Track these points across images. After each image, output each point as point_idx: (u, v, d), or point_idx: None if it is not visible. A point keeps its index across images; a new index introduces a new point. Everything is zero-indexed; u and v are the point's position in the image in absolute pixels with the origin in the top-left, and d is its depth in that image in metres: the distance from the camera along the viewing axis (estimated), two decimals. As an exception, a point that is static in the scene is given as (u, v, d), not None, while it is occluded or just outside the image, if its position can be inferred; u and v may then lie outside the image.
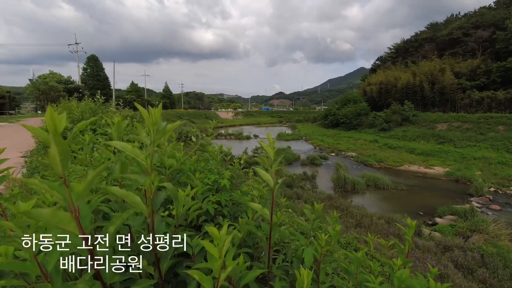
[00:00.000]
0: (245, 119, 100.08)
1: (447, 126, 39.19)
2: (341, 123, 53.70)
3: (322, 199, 16.32)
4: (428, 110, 46.33)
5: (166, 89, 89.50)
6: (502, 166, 25.89)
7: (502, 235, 13.13)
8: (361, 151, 35.66)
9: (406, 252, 1.36)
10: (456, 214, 15.60)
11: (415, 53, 58.61)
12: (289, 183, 20.10)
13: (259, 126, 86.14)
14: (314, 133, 55.49)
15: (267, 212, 1.30)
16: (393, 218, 13.83)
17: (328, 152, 37.54)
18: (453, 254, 10.12)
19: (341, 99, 62.87)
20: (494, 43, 43.26)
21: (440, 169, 27.00)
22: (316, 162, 30.47)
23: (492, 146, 30.82)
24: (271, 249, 1.35)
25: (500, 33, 42.09)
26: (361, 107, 52.84)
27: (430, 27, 63.71)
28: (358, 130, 49.05)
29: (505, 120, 35.00)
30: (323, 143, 43.90)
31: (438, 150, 32.19)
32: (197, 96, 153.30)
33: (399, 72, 52.64)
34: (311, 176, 22.10)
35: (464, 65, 45.35)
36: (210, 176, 2.11)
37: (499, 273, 9.07)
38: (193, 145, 3.28)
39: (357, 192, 20.80)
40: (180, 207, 1.37)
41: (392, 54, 66.82)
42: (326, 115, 62.21)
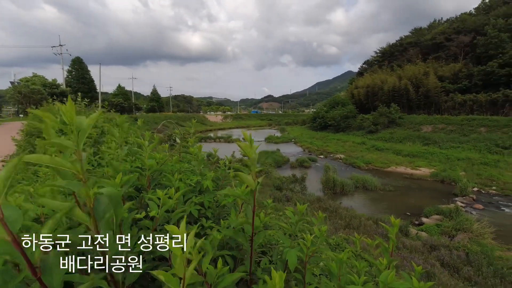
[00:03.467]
0: (234, 122, 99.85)
1: (432, 128, 40.15)
2: (330, 125, 54.25)
3: (312, 201, 16.34)
4: (413, 112, 47.35)
5: (154, 92, 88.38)
6: (484, 166, 26.64)
7: (485, 234, 13.46)
8: (350, 153, 36.07)
9: (391, 251, 1.34)
10: (442, 214, 15.91)
11: (400, 57, 59.91)
12: (278, 185, 20.09)
13: (249, 129, 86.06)
14: (303, 135, 55.85)
15: (249, 216, 1.24)
16: (381, 219, 13.95)
17: (317, 155, 37.83)
18: (440, 253, 10.28)
19: (329, 102, 63.58)
20: (475, 48, 44.67)
21: (426, 170, 27.56)
22: (305, 164, 30.62)
23: (474, 147, 31.71)
24: (253, 252, 1.28)
25: (480, 38, 43.52)
26: (349, 109, 53.56)
27: (414, 31, 65.30)
28: (346, 133, 49.64)
29: (486, 122, 36.14)
30: (312, 145, 44.23)
31: (424, 152, 32.89)
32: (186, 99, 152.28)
33: (385, 76, 53.68)
34: (300, 178, 22.16)
35: (447, 69, 46.64)
36: (192, 177, 2.05)
37: (483, 270, 9.25)
38: (177, 146, 3.21)
39: (346, 193, 20.97)
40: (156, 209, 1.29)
41: (378, 57, 68.14)
42: (315, 118, 62.76)
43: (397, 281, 1.21)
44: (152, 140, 2.88)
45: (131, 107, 69.07)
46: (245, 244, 1.29)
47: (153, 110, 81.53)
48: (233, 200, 1.78)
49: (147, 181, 1.83)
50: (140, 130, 3.04)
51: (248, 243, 1.29)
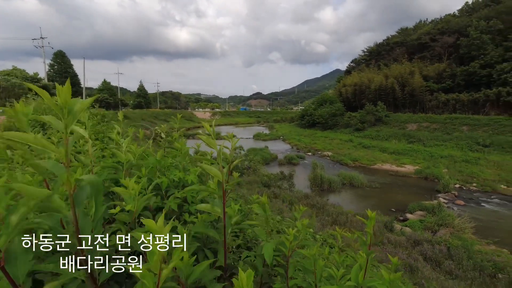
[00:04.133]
0: (222, 119, 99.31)
1: (417, 126, 41.10)
2: (318, 123, 54.72)
3: (299, 198, 16.45)
4: (399, 111, 48.31)
5: (141, 88, 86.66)
6: (466, 164, 27.49)
7: (466, 229, 13.90)
8: (337, 151, 36.52)
9: (369, 244, 1.35)
10: (425, 209, 16.34)
11: (387, 56, 60.88)
12: (266, 182, 20.13)
13: (237, 126, 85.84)
14: (291, 133, 56.14)
15: (219, 210, 1.20)
16: (367, 215, 14.16)
17: (305, 152, 38.12)
18: (423, 248, 10.54)
19: (317, 99, 64.09)
20: (458, 48, 45.85)
21: (411, 167, 28.22)
22: (293, 161, 30.80)
23: (457, 145, 32.67)
24: (226, 245, 1.25)
25: (463, 39, 44.69)
26: (337, 107, 54.16)
27: (401, 31, 66.44)
28: (333, 130, 50.20)
29: (468, 121, 37.28)
30: (300, 143, 44.55)
31: (409, 149, 33.66)
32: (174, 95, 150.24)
33: (372, 74, 54.46)
34: (288, 176, 22.25)
35: (432, 68, 47.72)
36: (175, 172, 2.00)
37: (463, 264, 9.55)
38: (163, 142, 3.15)
39: (333, 190, 21.22)
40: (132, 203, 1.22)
41: (365, 56, 69.04)
42: (303, 115, 63.16)
43: (370, 273, 1.21)
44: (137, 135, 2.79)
45: (117, 103, 67.58)
46: (216, 236, 1.26)
47: (140, 106, 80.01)
48: (208, 194, 1.76)
49: (125, 176, 1.75)
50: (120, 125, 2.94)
51: (221, 236, 1.26)
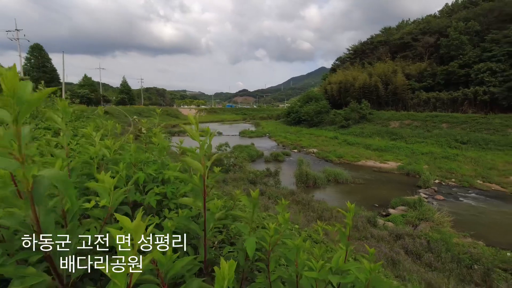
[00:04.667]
0: (208, 116, 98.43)
1: (399, 124, 42.17)
2: (303, 120, 55.18)
3: (285, 195, 16.53)
4: (382, 108, 49.39)
5: (124, 84, 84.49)
6: (445, 160, 28.47)
7: (445, 222, 14.41)
8: (322, 147, 36.96)
9: (348, 236, 1.39)
10: (407, 204, 16.80)
11: (371, 54, 61.99)
12: (252, 179, 20.13)
13: (223, 123, 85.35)
14: (277, 130, 56.36)
15: (200, 204, 1.16)
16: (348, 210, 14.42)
17: (290, 149, 38.37)
18: (404, 242, 10.84)
19: (303, 97, 64.58)
20: (439, 48, 47.27)
21: (393, 163, 28.93)
22: (279, 158, 30.97)
23: (437, 142, 33.78)
24: (206, 240, 1.21)
25: (443, 39, 46.09)
26: (322, 105, 54.76)
27: (384, 31, 67.76)
28: (319, 127, 50.78)
29: (447, 119, 38.62)
30: (286, 140, 44.78)
31: (392, 146, 34.51)
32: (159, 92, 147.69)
33: (357, 72, 55.36)
34: (274, 172, 22.34)
35: (414, 67, 49.01)
36: (154, 167, 1.95)
37: (442, 256, 9.90)
38: (143, 137, 3.10)
39: (319, 187, 21.47)
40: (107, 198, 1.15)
41: (350, 55, 70.02)
42: (289, 112, 63.52)
43: (348, 263, 1.24)
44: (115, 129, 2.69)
45: (99, 99, 65.71)
46: (198, 230, 1.21)
47: (123, 102, 78.05)
48: (190, 188, 1.72)
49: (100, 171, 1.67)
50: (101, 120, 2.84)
51: (202, 230, 1.22)
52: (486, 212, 17.29)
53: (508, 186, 22.04)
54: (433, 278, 7.71)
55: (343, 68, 63.92)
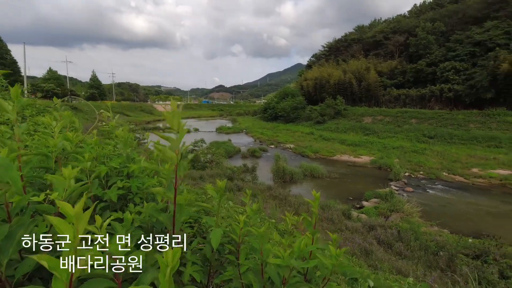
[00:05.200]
0: (184, 112, 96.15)
1: (372, 120, 43.70)
2: (280, 116, 55.68)
3: (262, 190, 16.61)
4: (356, 104, 50.90)
5: (94, 79, 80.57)
6: (414, 154, 29.90)
7: (414, 213, 15.16)
8: (299, 143, 37.51)
9: (314, 224, 1.40)
10: (379, 197, 17.47)
11: (345, 52, 63.56)
12: (229, 175, 20.01)
13: (200, 119, 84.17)
14: (254, 126, 56.48)
15: (171, 195, 1.09)
16: (327, 204, 14.79)
17: (267, 144, 38.59)
18: (376, 232, 11.26)
19: (279, 93, 65.10)
20: (408, 47, 49.35)
21: (367, 158, 29.95)
22: (256, 154, 31.05)
23: (407, 137, 35.38)
24: (175, 233, 1.15)
25: (412, 39, 48.16)
26: (298, 101, 55.51)
27: (357, 29, 69.70)
28: (295, 123, 51.48)
29: (416, 115, 40.53)
30: (263, 135, 45.01)
31: (365, 141, 35.71)
32: (132, 87, 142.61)
33: (331, 69, 56.54)
34: (251, 168, 22.36)
35: (385, 65, 50.88)
36: (118, 160, 1.85)
37: (411, 245, 10.40)
38: (106, 130, 2.92)
39: (295, 181, 21.77)
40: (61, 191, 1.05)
41: (325, 52, 71.38)
42: (266, 108, 63.83)
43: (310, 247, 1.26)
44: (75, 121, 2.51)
45: (66, 94, 62.29)
46: (166, 221, 1.14)
47: (93, 98, 74.48)
48: (157, 180, 1.64)
49: (59, 165, 1.53)
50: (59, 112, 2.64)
51: (170, 222, 1.15)
52: (451, 202, 18.39)
53: (470, 177, 23.57)
54: (403, 265, 8.07)
55: (319, 64, 65.04)
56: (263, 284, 1.17)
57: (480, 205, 17.91)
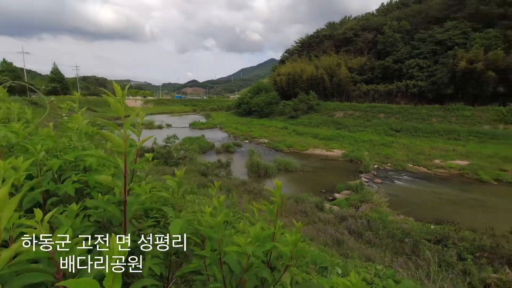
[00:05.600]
0: (156, 107, 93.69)
1: (343, 114, 45.06)
2: (254, 111, 55.76)
3: (237, 185, 16.56)
4: (328, 99, 52.15)
5: (55, 72, 75.43)
6: (383, 147, 31.29)
7: (382, 203, 15.87)
8: (272, 138, 37.82)
9: (276, 212, 1.40)
10: (350, 189, 18.09)
11: (317, 48, 64.68)
12: (203, 171, 19.74)
13: (172, 115, 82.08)
14: (228, 121, 56.14)
15: (120, 183, 1.01)
16: (301, 197, 15.07)
17: (242, 140, 38.55)
18: (348, 223, 11.66)
19: (253, 88, 65.07)
20: (376, 44, 51.22)
21: (339, 151, 30.87)
22: (230, 149, 30.91)
23: (375, 130, 36.90)
24: (126, 223, 1.07)
25: (380, 36, 50.03)
26: (272, 96, 55.85)
27: (329, 25, 71.10)
28: (269, 118, 51.83)
29: (384, 109, 42.35)
30: (237, 130, 44.87)
31: (337, 135, 36.78)
32: (98, 81, 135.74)
33: (304, 65, 57.35)
34: (225, 163, 22.22)
35: (355, 61, 52.46)
36: (72, 154, 1.72)
37: (380, 233, 10.88)
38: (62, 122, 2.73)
39: (270, 176, 21.94)
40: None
41: (298, 47, 72.18)
42: (239, 103, 63.60)
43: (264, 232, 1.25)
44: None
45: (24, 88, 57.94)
46: (116, 213, 1.07)
47: (55, 92, 69.95)
48: (114, 173, 1.54)
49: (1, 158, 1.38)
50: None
51: (120, 213, 1.07)
52: (415, 192, 19.50)
53: (432, 168, 25.11)
54: (372, 253, 8.42)
55: (292, 60, 65.69)
56: (223, 273, 1.15)
57: (442, 193, 19.17)
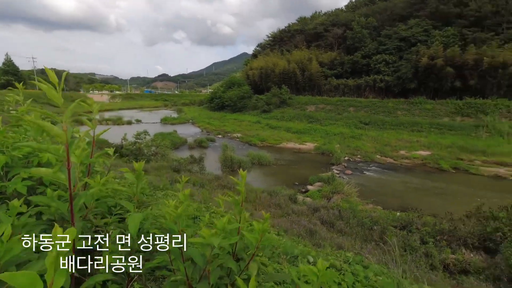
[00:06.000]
0: (124, 102, 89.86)
1: (315, 108, 45.98)
2: (227, 106, 55.31)
3: (210, 180, 16.34)
4: (300, 93, 52.91)
5: (8, 63, 69.39)
6: (352, 139, 32.42)
7: (352, 193, 16.46)
8: (246, 132, 37.79)
9: (241, 202, 1.40)
10: (322, 180, 18.55)
11: (288, 42, 65.12)
12: (176, 167, 19.28)
13: (142, 110, 79.23)
14: (201, 116, 55.28)
15: (63, 176, 0.89)
16: (274, 191, 15.20)
17: (215, 134, 38.16)
18: (320, 214, 11.94)
19: (226, 82, 64.43)
20: (346, 40, 52.57)
21: (311, 144, 31.52)
22: (203, 144, 30.48)
23: (346, 123, 38.10)
24: (73, 218, 0.95)
25: (349, 32, 51.38)
26: (245, 90, 55.64)
27: (300, 20, 71.72)
28: (242, 112, 51.67)
29: (354, 103, 43.78)
30: (210, 125, 44.34)
31: (309, 129, 37.52)
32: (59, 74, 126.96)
33: (276, 59, 57.57)
34: (198, 159, 21.84)
35: (326, 56, 53.53)
36: (24, 150, 1.55)
37: (350, 222, 11.27)
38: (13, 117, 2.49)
39: (243, 170, 21.88)
40: None
41: (270, 41, 72.25)
42: (212, 98, 62.76)
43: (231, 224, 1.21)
44: None
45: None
46: (62, 208, 0.95)
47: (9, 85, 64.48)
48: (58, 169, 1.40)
49: None
50: None
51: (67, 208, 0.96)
52: (383, 182, 20.44)
53: (398, 158, 26.45)
54: (343, 241, 8.69)
55: (264, 54, 65.67)
56: (184, 266, 1.09)
57: (407, 182, 20.26)
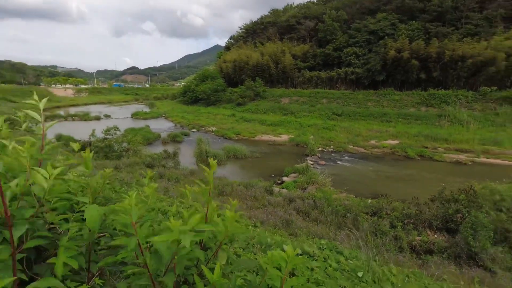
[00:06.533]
0: (91, 97, 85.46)
1: (289, 100, 46.42)
2: (200, 99, 54.35)
3: (185, 175, 16.08)
4: (274, 86, 53.09)
5: (-41, 56, 63.37)
6: (326, 130, 33.19)
7: (326, 183, 16.90)
8: (221, 125, 37.46)
9: (209, 192, 1.38)
10: (297, 172, 18.86)
11: (262, 34, 64.79)
12: (149, 163, 18.73)
13: (111, 105, 75.83)
14: (174, 110, 53.97)
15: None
16: (250, 183, 15.22)
17: (189, 128, 37.46)
18: (296, 204, 12.15)
19: (199, 75, 63.14)
20: (318, 32, 53.22)
21: (286, 136, 31.88)
22: (177, 139, 29.83)
23: (319, 115, 38.86)
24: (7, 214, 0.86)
25: (321, 25, 51.99)
26: (218, 83, 54.88)
27: (272, 12, 71.51)
28: (216, 106, 51.05)
29: (326, 95, 44.71)
30: (184, 119, 43.45)
31: (283, 121, 37.86)
32: (15, 67, 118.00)
33: (250, 51, 57.17)
34: (173, 154, 21.34)
35: (299, 49, 53.93)
36: None
37: (325, 211, 11.58)
38: None
39: (219, 164, 21.69)
40: None
41: (243, 34, 71.49)
42: (185, 91, 61.36)
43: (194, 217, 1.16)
44: None
45: None
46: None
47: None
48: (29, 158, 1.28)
49: None
50: None
51: None
52: (355, 171, 21.17)
53: (369, 148, 27.50)
54: (318, 230, 8.93)
55: (237, 46, 64.94)
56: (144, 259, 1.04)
57: (377, 171, 21.14)
